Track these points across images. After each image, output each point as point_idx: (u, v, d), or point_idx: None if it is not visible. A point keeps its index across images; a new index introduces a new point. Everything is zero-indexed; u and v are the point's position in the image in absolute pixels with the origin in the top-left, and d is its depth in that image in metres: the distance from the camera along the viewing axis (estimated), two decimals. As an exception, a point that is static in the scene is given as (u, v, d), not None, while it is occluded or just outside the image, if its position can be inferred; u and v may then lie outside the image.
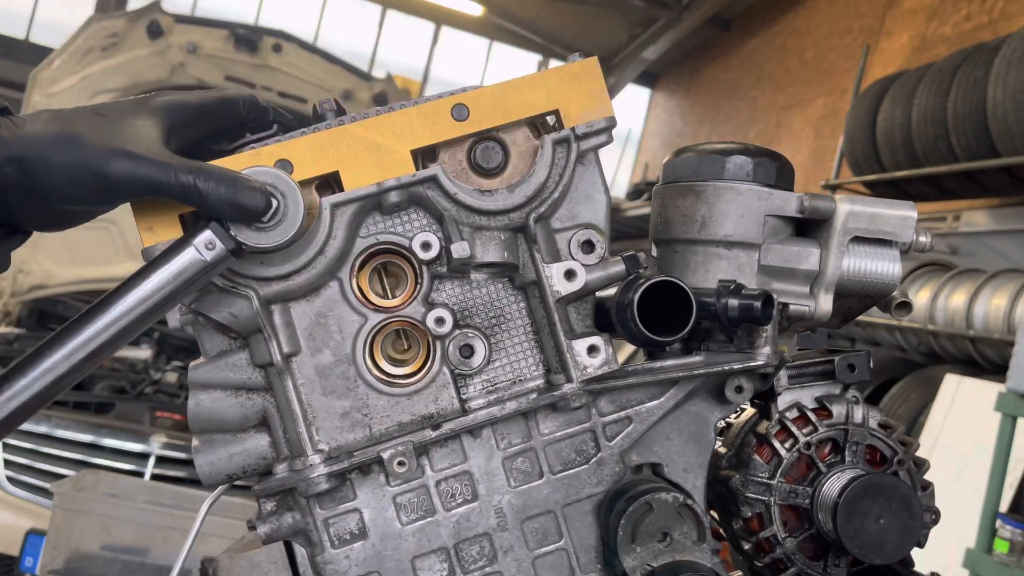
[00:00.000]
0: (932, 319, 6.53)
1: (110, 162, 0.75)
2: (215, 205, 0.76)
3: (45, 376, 0.73)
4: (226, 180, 0.76)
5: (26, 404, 0.73)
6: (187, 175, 0.76)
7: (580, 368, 0.90)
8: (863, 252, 0.94)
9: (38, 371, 0.73)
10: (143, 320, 0.76)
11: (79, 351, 0.74)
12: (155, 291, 0.76)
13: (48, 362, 0.73)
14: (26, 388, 0.73)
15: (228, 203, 0.76)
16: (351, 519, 0.90)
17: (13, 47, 15.52)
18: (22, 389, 0.72)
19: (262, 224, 0.79)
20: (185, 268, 0.77)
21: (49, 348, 0.74)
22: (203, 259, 0.77)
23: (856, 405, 0.98)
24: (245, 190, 0.77)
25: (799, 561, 0.95)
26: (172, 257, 0.77)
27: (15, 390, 0.72)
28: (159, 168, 0.75)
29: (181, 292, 0.77)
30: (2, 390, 0.72)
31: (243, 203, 0.77)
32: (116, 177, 0.75)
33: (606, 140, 0.92)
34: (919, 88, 7.11)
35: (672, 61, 17.61)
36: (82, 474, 3.75)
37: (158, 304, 0.76)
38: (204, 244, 0.77)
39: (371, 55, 17.45)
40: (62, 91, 5.46)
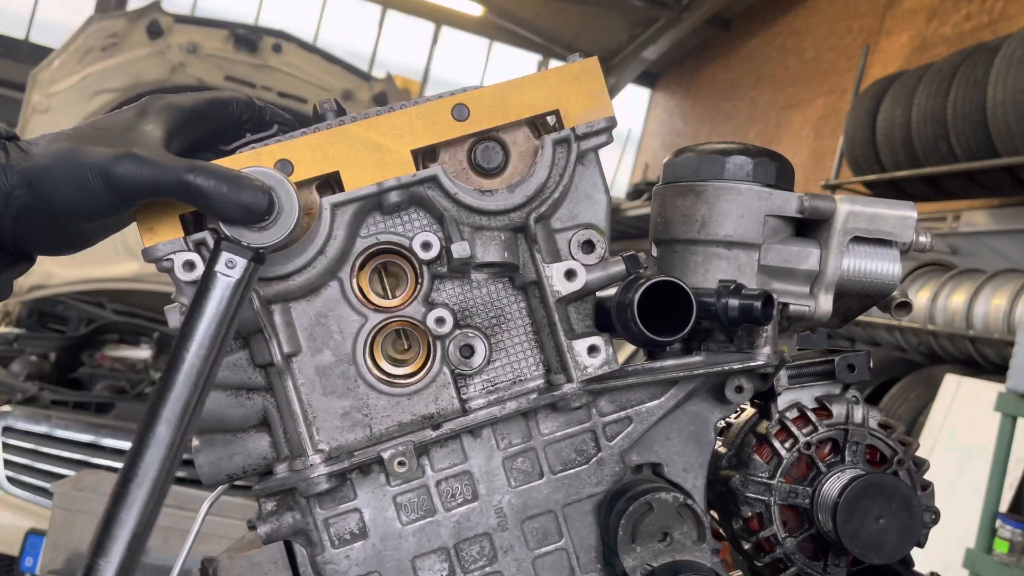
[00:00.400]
0: (932, 319, 6.53)
1: (115, 166, 0.75)
2: (218, 205, 0.76)
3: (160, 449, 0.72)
4: (229, 180, 0.76)
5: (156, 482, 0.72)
6: (191, 175, 0.76)
7: (580, 368, 0.90)
8: (863, 252, 0.94)
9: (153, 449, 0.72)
10: (217, 359, 0.76)
11: (177, 414, 0.73)
12: (211, 328, 0.75)
13: (156, 435, 0.72)
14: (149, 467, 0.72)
15: (231, 203, 0.76)
16: (351, 519, 0.90)
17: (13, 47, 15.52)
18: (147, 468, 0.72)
19: (263, 223, 0.79)
20: (223, 295, 0.76)
21: (150, 424, 0.73)
22: (233, 278, 0.76)
23: (856, 405, 0.98)
24: (248, 189, 0.77)
25: (799, 561, 0.95)
26: (207, 294, 0.76)
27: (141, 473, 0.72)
28: (163, 169, 0.76)
29: (234, 316, 0.77)
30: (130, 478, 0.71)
31: (246, 202, 0.77)
32: (122, 180, 0.75)
33: (606, 140, 0.92)
34: (919, 88, 7.11)
35: (672, 61, 17.62)
36: (82, 474, 3.76)
37: (221, 338, 0.76)
38: (225, 265, 0.76)
39: (371, 55, 17.45)
40: (62, 91, 5.46)
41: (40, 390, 4.65)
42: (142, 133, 0.79)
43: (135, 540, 0.70)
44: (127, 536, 0.70)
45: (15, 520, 4.05)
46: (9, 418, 4.22)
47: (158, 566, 3.38)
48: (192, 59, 5.73)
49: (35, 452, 4.17)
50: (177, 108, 0.85)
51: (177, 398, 0.73)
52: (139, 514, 0.71)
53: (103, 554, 0.70)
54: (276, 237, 0.79)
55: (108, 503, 0.71)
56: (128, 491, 0.71)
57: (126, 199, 0.77)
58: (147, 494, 0.71)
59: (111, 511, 0.71)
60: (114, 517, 0.70)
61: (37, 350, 5.31)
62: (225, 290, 0.76)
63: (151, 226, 0.84)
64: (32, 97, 5.47)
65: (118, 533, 0.70)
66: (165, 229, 0.84)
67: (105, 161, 0.75)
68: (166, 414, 0.73)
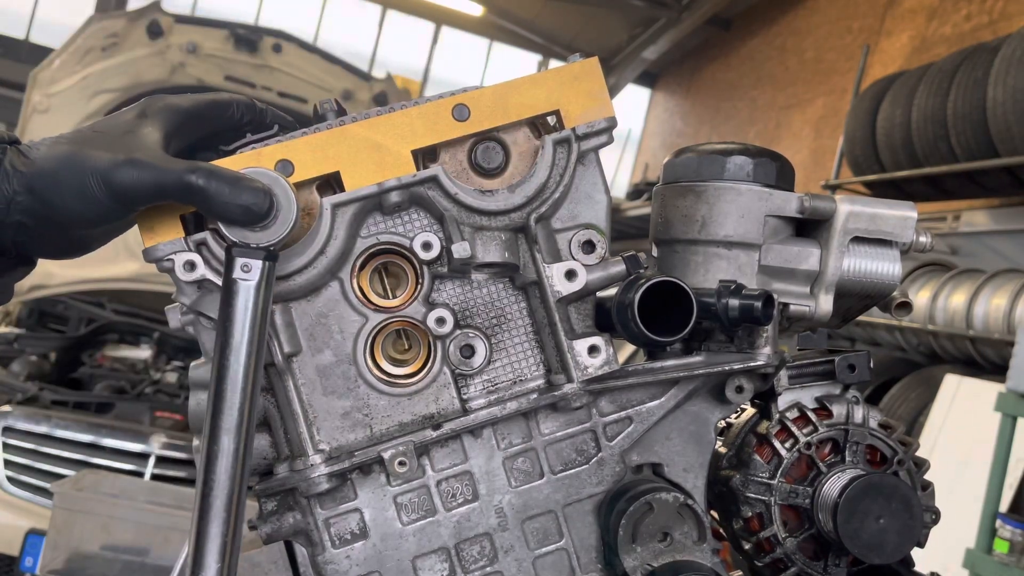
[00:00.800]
0: (932, 319, 6.53)
1: (116, 171, 0.76)
2: (219, 206, 0.77)
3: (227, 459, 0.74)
4: (230, 181, 0.77)
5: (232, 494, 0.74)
6: (192, 176, 0.76)
7: (581, 368, 0.90)
8: (863, 252, 0.94)
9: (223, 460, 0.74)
10: (258, 364, 0.77)
11: (233, 425, 0.75)
12: (245, 334, 0.76)
13: (222, 446, 0.75)
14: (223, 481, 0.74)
15: (232, 204, 0.76)
16: (352, 519, 0.90)
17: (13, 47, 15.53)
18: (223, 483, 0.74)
19: (264, 223, 0.79)
20: (247, 300, 0.77)
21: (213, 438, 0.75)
22: (252, 281, 0.77)
23: (856, 405, 0.98)
24: (248, 191, 0.77)
25: (799, 561, 0.95)
26: (232, 303, 0.77)
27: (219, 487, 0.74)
28: (164, 172, 0.76)
29: (264, 317, 0.77)
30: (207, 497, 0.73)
31: (247, 204, 0.77)
32: (123, 185, 0.76)
33: (607, 140, 0.92)
34: (919, 88, 7.11)
35: (672, 61, 17.62)
36: (82, 474, 3.75)
37: (258, 342, 0.77)
38: (242, 269, 0.77)
39: (371, 55, 17.45)
40: (62, 91, 5.46)
41: (40, 390, 4.65)
42: (142, 136, 0.80)
43: (227, 550, 0.73)
44: (219, 548, 0.73)
45: (15, 520, 4.04)
46: (9, 418, 4.22)
47: (158, 566, 3.39)
48: (192, 59, 5.73)
49: (35, 452, 4.17)
50: (176, 110, 0.85)
51: (231, 407, 0.75)
52: (223, 523, 0.73)
53: (201, 569, 0.72)
54: (276, 236, 0.79)
55: (193, 522, 0.74)
56: (209, 505, 0.73)
57: (128, 204, 0.78)
58: (226, 504, 0.74)
59: (199, 528, 0.73)
60: (203, 532, 0.73)
61: (37, 350, 5.31)
62: (249, 294, 0.77)
63: (151, 226, 0.84)
64: (32, 97, 5.46)
65: (210, 546, 0.73)
66: (166, 229, 0.84)
67: (106, 166, 0.76)
68: (225, 425, 0.75)
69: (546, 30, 16.95)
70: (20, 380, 4.82)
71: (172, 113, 0.84)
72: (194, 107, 0.87)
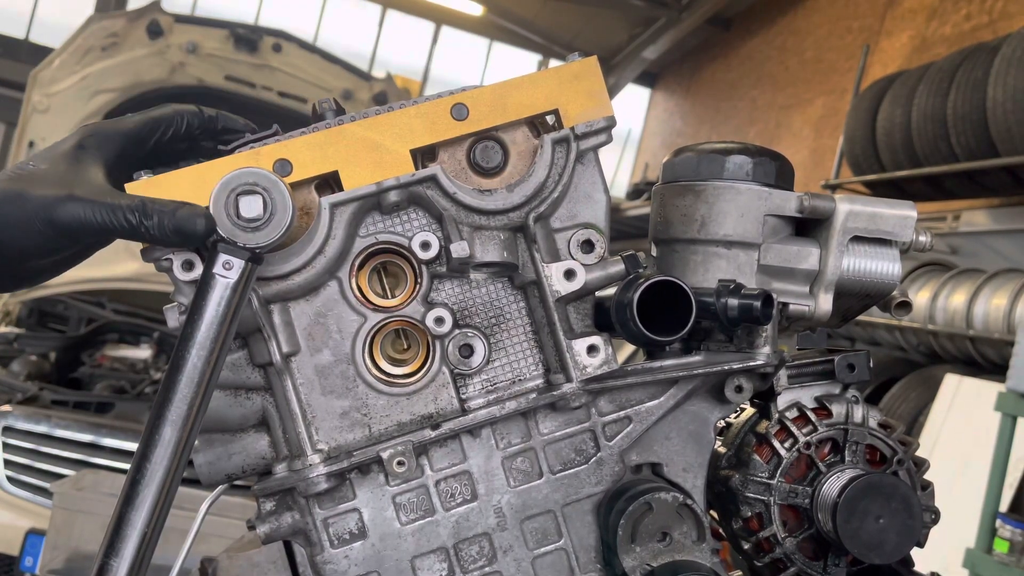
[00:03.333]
0: (932, 319, 6.53)
1: (58, 208, 0.77)
2: (160, 238, 0.79)
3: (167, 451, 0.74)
4: (167, 213, 0.78)
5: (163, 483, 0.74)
6: (132, 215, 0.78)
7: (580, 368, 0.90)
8: (863, 252, 0.94)
9: (160, 449, 0.74)
10: (220, 361, 0.77)
11: (182, 416, 0.75)
12: (212, 330, 0.76)
13: (163, 437, 0.74)
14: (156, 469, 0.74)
15: (172, 232, 0.78)
16: (350, 519, 0.90)
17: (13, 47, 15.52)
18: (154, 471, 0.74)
19: (257, 224, 0.79)
20: (222, 297, 0.77)
21: (155, 426, 0.74)
22: (231, 280, 0.77)
23: (856, 405, 0.98)
24: (185, 218, 0.78)
25: (799, 561, 0.95)
26: (206, 296, 0.77)
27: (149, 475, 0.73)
28: (105, 210, 0.78)
29: (234, 316, 0.78)
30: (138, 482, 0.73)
31: (184, 229, 0.78)
32: (65, 223, 0.77)
33: (606, 140, 0.92)
34: (919, 88, 7.11)
35: (672, 61, 17.61)
36: (82, 474, 3.75)
37: (223, 340, 0.77)
38: (223, 266, 0.77)
39: (371, 55, 17.45)
40: (62, 91, 5.45)
41: (40, 390, 4.65)
42: (83, 170, 0.81)
43: (145, 540, 0.73)
44: (137, 536, 0.72)
45: (15, 520, 4.04)
46: (9, 418, 4.22)
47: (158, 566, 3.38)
48: (192, 59, 5.73)
49: (35, 452, 4.17)
50: (113, 138, 0.86)
51: (181, 399, 0.75)
52: (148, 515, 0.73)
53: (115, 554, 0.71)
54: (269, 238, 0.79)
55: (118, 505, 0.73)
56: (137, 492, 0.73)
57: (72, 241, 0.79)
58: (155, 495, 0.73)
59: (121, 512, 0.72)
60: (124, 518, 0.72)
61: (37, 350, 5.31)
62: (224, 291, 0.77)
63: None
64: (32, 97, 5.46)
65: (128, 533, 0.72)
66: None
67: (48, 203, 0.77)
68: (171, 416, 0.74)
69: (546, 30, 16.94)
70: (20, 380, 4.82)
71: (111, 141, 0.86)
72: (133, 129, 0.88)
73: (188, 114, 0.92)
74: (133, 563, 0.72)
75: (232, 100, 5.73)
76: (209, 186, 0.84)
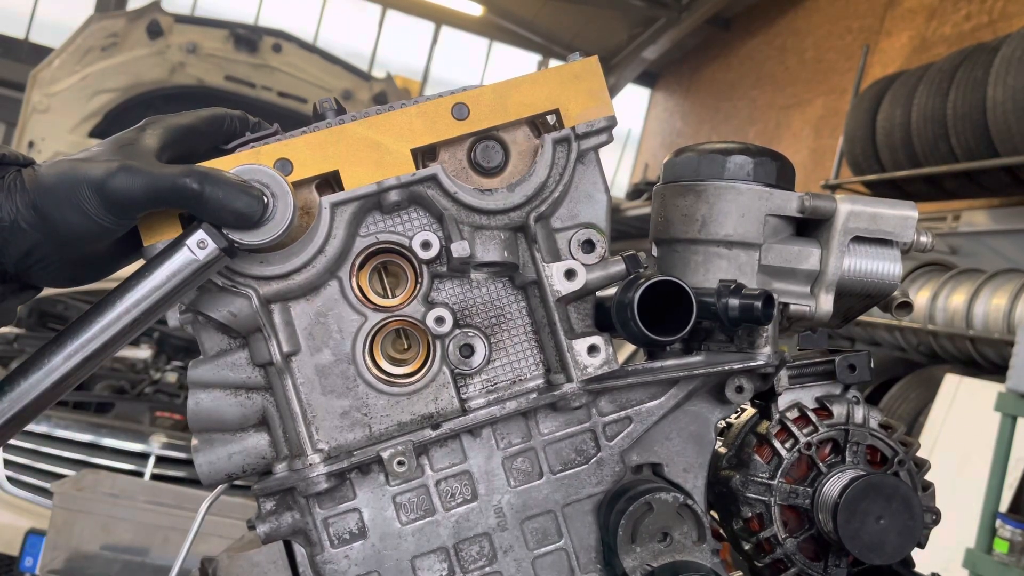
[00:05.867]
0: (932, 319, 6.53)
1: (111, 179, 0.76)
2: (214, 212, 0.77)
3: (47, 378, 0.74)
4: (225, 186, 0.77)
5: (28, 407, 0.74)
6: (186, 180, 0.76)
7: (580, 368, 0.90)
8: (864, 252, 0.94)
9: (40, 373, 0.74)
10: (141, 321, 0.77)
11: (79, 352, 0.75)
12: (152, 292, 0.77)
13: (49, 364, 0.74)
14: (28, 391, 0.74)
15: (226, 209, 0.77)
16: (351, 519, 0.90)
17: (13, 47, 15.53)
18: (24, 392, 0.74)
19: None
20: (180, 269, 0.77)
21: (50, 350, 0.75)
22: (196, 259, 0.77)
23: (856, 405, 0.98)
24: (242, 196, 0.78)
25: (799, 561, 0.95)
26: (166, 258, 0.77)
27: (17, 393, 0.74)
28: (158, 177, 0.76)
29: (178, 292, 0.78)
30: (4, 393, 0.73)
31: (240, 209, 0.78)
32: (118, 192, 0.76)
33: (606, 139, 0.92)
34: (919, 88, 7.11)
35: (672, 61, 17.62)
36: (82, 474, 3.75)
37: (156, 304, 0.77)
38: (196, 244, 0.77)
39: (371, 55, 17.45)
40: (62, 91, 5.46)
41: (40, 390, 4.64)
42: (138, 147, 0.80)
43: None
44: None
45: (15, 520, 4.04)
46: (9, 418, 4.21)
47: (158, 566, 3.38)
48: (192, 59, 5.73)
49: (35, 452, 4.17)
50: (174, 126, 0.86)
51: (82, 342, 0.75)
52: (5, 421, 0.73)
53: None
54: (268, 236, 0.79)
55: None
56: None
57: (123, 212, 0.78)
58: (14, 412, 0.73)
59: None
60: None
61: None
62: (182, 263, 0.77)
63: (151, 225, 0.84)
64: (32, 97, 5.47)
65: None
66: (164, 228, 0.84)
67: (100, 175, 0.76)
68: (69, 346, 0.74)
69: (546, 30, 16.94)
70: (20, 380, 4.81)
71: (171, 129, 0.85)
72: (192, 123, 0.88)
73: (238, 118, 0.92)
74: None
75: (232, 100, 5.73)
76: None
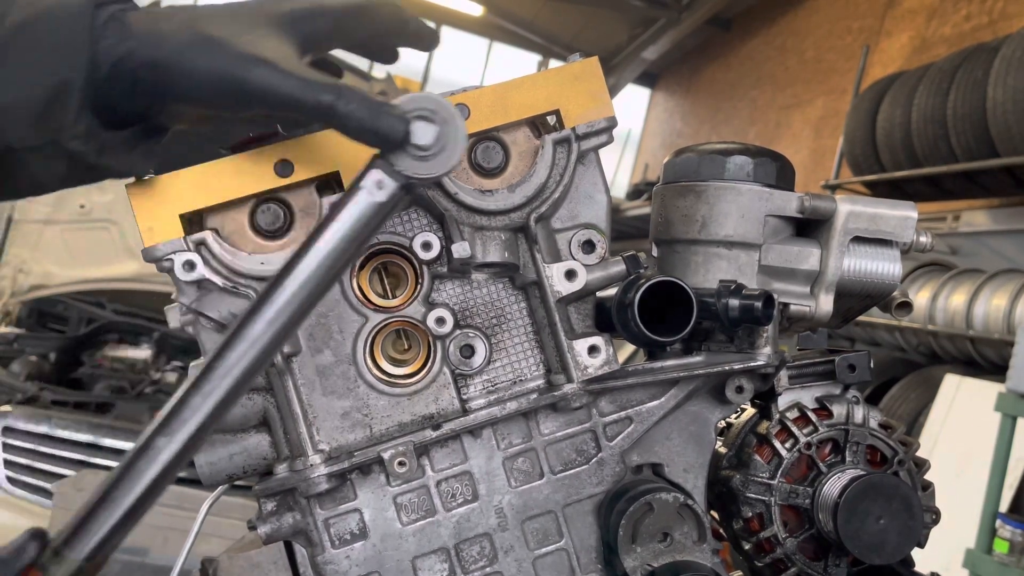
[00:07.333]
0: (932, 319, 6.53)
1: (251, 71, 0.71)
2: (354, 129, 0.73)
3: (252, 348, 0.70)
4: (367, 105, 0.72)
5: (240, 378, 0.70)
6: (328, 95, 0.72)
7: (581, 368, 0.90)
8: (863, 252, 0.94)
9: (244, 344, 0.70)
10: (335, 274, 0.73)
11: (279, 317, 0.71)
12: (341, 242, 0.73)
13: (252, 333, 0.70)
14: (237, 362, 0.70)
15: (367, 129, 0.73)
16: (351, 519, 0.90)
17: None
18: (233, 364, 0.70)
19: (424, 154, 0.74)
20: (364, 213, 0.73)
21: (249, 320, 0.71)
22: (378, 200, 0.73)
23: (856, 405, 0.98)
24: (386, 116, 0.73)
25: (799, 561, 0.95)
26: (348, 206, 0.73)
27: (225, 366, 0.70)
28: (300, 84, 0.72)
29: (365, 238, 0.74)
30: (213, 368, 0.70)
31: (382, 130, 0.73)
32: (256, 86, 0.72)
33: (607, 140, 0.92)
34: (919, 88, 7.11)
35: (672, 61, 17.61)
36: (82, 474, 3.75)
37: (345, 254, 0.73)
38: (375, 184, 0.73)
39: (371, 55, 17.42)
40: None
41: (40, 390, 4.65)
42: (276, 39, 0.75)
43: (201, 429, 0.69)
44: (195, 424, 0.68)
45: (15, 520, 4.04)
46: (9, 418, 4.22)
47: (158, 566, 3.38)
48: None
49: (35, 452, 4.17)
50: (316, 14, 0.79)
51: (283, 303, 0.71)
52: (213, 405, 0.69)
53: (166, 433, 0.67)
54: (432, 171, 0.75)
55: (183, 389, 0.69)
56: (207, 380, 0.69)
57: (255, 106, 0.74)
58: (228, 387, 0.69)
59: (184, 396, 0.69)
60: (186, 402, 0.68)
61: (37, 350, 5.31)
62: (367, 208, 0.73)
63: (151, 226, 0.84)
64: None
65: (187, 417, 0.68)
66: (165, 229, 0.84)
67: (240, 65, 0.71)
68: (266, 313, 0.70)
69: (546, 30, 16.94)
70: (20, 380, 4.82)
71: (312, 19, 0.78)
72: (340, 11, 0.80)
73: (390, 10, 0.83)
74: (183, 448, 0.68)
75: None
76: (211, 188, 0.84)
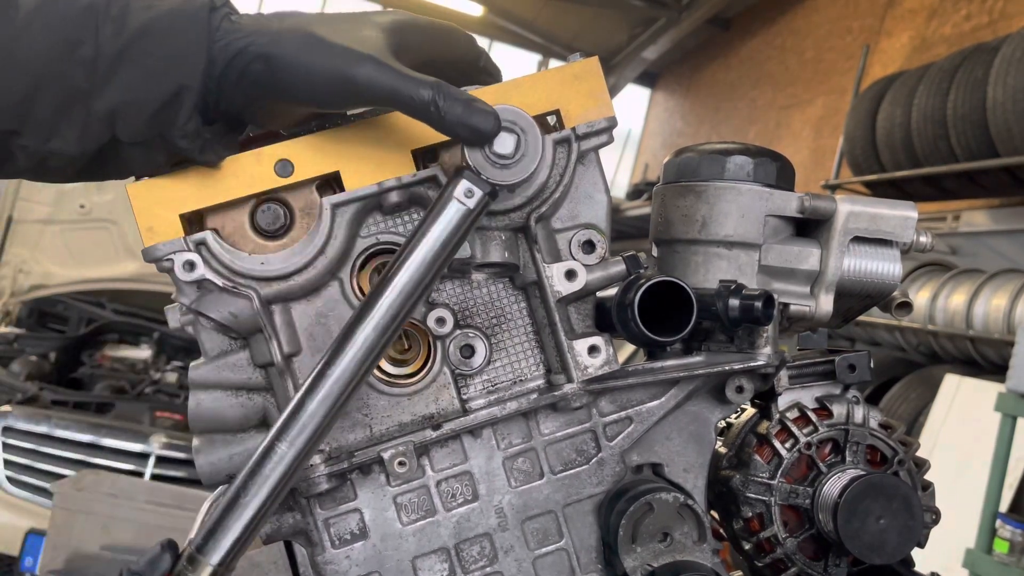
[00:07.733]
0: (932, 319, 6.53)
1: (358, 67, 0.77)
2: (450, 124, 0.79)
3: (359, 352, 0.77)
4: (462, 100, 0.79)
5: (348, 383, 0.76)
6: (428, 89, 0.78)
7: (581, 368, 0.90)
8: (863, 252, 0.94)
9: (354, 350, 0.76)
10: (431, 282, 0.79)
11: (383, 321, 0.77)
12: (435, 250, 0.78)
13: (358, 339, 0.77)
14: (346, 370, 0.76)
15: (462, 124, 0.79)
16: (352, 519, 0.90)
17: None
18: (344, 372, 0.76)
19: (506, 162, 0.82)
20: (453, 221, 0.79)
21: (354, 327, 0.77)
22: (468, 207, 0.79)
23: (856, 405, 0.98)
24: (479, 112, 0.79)
25: (800, 561, 0.95)
26: (440, 216, 0.79)
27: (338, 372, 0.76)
28: (403, 80, 0.78)
29: (456, 245, 0.80)
30: (325, 376, 0.76)
31: (477, 125, 0.79)
32: (362, 82, 0.77)
33: (607, 140, 0.92)
34: (919, 88, 7.11)
35: (672, 61, 17.61)
36: (82, 474, 3.75)
37: (439, 263, 0.79)
38: (464, 193, 0.79)
39: (371, 55, 17.42)
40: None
41: (40, 390, 4.66)
42: (374, 40, 0.81)
43: (318, 433, 0.75)
44: (312, 428, 0.75)
45: (15, 520, 4.05)
46: (9, 418, 4.23)
47: (158, 566, 3.38)
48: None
49: (35, 452, 4.17)
50: (410, 27, 0.86)
51: (388, 308, 0.77)
52: (328, 408, 0.75)
53: (285, 439, 0.74)
54: (514, 177, 0.82)
55: (300, 393, 0.76)
56: (321, 385, 0.75)
57: (360, 101, 0.80)
58: (339, 390, 0.76)
59: (301, 400, 0.75)
60: (303, 406, 0.75)
61: (37, 350, 5.31)
62: (457, 216, 0.79)
63: (151, 226, 0.84)
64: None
65: (307, 423, 0.75)
66: (165, 229, 0.84)
67: (348, 61, 0.77)
68: (373, 319, 0.77)
69: (546, 30, 16.94)
70: (20, 380, 4.82)
71: (406, 30, 0.85)
72: (431, 29, 0.88)
73: (469, 39, 0.92)
74: (303, 452, 0.74)
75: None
76: (213, 188, 0.84)
